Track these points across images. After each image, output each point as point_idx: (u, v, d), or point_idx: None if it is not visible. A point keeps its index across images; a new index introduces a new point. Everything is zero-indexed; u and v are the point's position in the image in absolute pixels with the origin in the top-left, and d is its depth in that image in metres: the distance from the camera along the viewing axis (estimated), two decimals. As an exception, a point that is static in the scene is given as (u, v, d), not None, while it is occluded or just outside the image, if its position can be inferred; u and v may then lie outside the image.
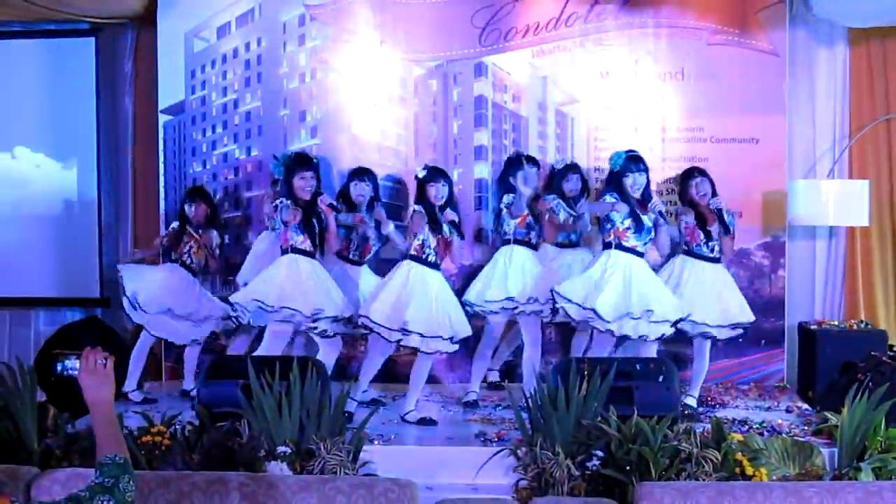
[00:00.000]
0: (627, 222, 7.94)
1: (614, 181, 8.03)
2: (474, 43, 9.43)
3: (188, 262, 8.88)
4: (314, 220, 8.14)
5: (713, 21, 9.31)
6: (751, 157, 9.26)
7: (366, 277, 8.62)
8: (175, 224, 8.96)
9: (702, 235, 8.28)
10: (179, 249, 8.89)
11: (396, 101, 9.58)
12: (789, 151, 9.40)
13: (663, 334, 7.95)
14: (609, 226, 7.94)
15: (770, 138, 9.30)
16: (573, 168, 8.91)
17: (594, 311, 7.77)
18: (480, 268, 8.84)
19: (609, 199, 7.97)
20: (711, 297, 8.30)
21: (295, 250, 8.09)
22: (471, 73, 9.52)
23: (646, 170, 8.06)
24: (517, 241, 8.59)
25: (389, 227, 8.14)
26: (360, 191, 8.53)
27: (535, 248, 8.65)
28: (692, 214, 8.32)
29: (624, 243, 7.93)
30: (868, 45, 9.46)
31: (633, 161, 8.00)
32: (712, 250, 8.33)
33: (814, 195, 8.92)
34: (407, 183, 9.17)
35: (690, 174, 8.47)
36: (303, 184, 8.16)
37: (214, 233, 9.01)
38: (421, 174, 8.09)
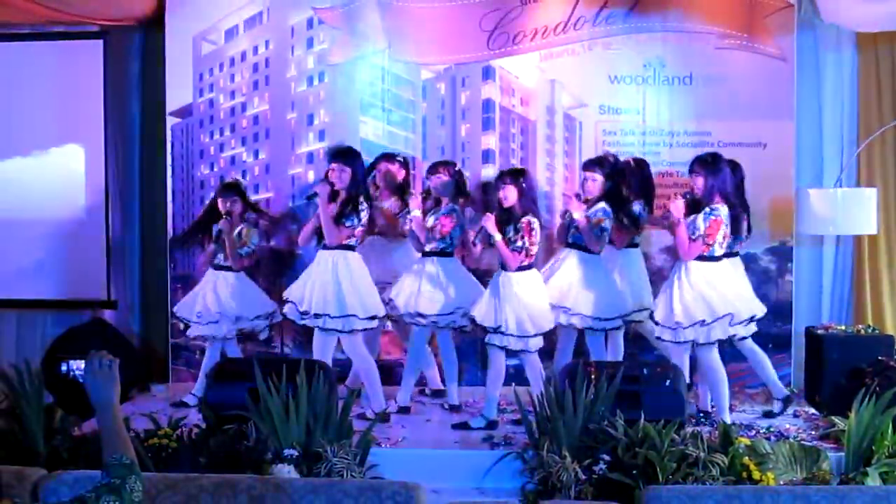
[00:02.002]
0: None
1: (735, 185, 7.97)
2: (482, 46, 9.43)
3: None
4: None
5: (721, 25, 9.30)
6: (758, 162, 9.23)
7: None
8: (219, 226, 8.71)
9: None
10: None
11: (404, 105, 9.58)
12: (797, 156, 9.40)
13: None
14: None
15: (778, 143, 9.29)
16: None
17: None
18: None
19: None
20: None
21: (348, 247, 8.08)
22: (479, 76, 9.52)
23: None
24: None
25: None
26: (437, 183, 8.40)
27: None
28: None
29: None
30: (876, 50, 9.45)
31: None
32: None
33: (822, 204, 8.88)
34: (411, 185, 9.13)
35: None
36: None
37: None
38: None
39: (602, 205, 8.06)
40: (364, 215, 8.03)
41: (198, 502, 4.37)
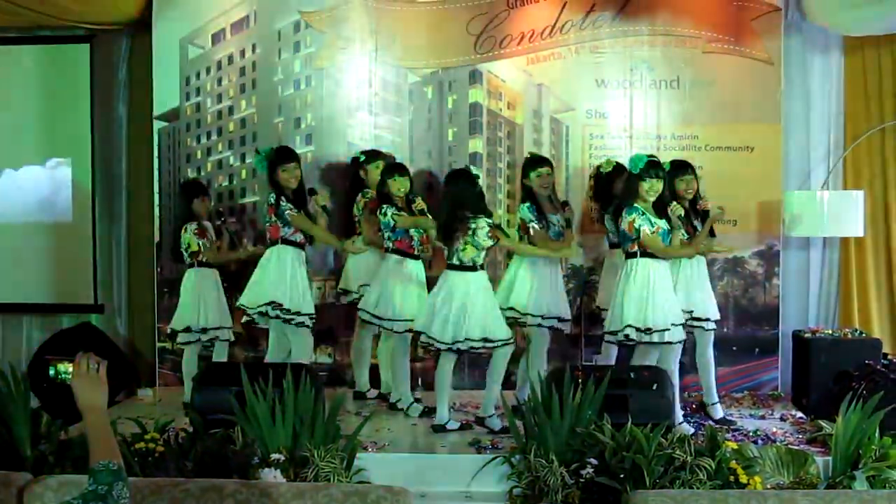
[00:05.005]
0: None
1: (631, 184, 7.72)
2: (469, 50, 9.42)
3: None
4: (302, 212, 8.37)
5: (709, 29, 9.31)
6: (746, 166, 9.27)
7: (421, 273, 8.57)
8: (193, 225, 8.67)
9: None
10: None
11: (391, 109, 9.57)
12: (784, 159, 9.41)
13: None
14: (631, 239, 7.60)
15: (765, 146, 9.30)
16: (623, 169, 8.46)
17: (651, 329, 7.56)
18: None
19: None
20: (705, 292, 8.23)
21: (285, 241, 8.28)
22: (466, 80, 9.52)
23: (664, 177, 7.70)
24: None
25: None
26: (397, 186, 8.38)
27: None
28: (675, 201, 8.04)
29: (648, 251, 7.59)
30: (863, 53, 9.48)
31: (653, 167, 7.70)
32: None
33: (808, 207, 8.90)
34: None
35: (682, 169, 8.18)
36: (286, 175, 8.31)
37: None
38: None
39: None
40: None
41: (183, 507, 4.36)
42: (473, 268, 7.82)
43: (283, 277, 8.23)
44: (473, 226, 7.71)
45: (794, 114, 9.52)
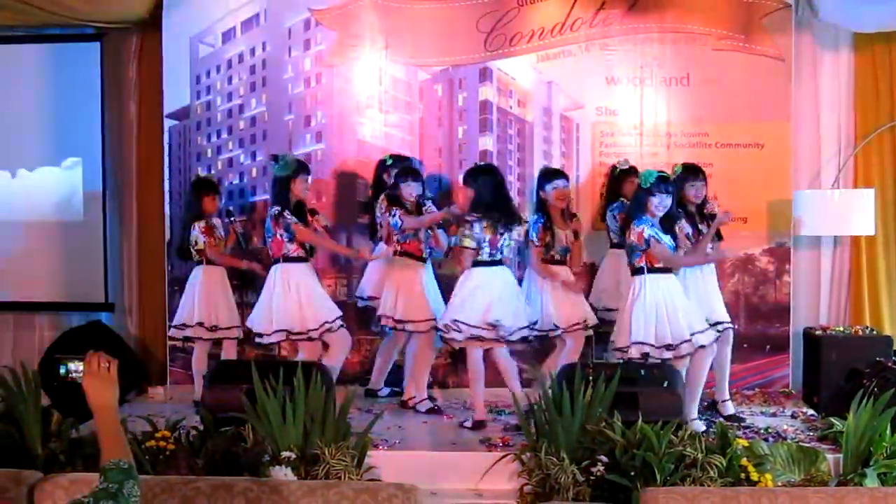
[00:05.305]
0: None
1: (641, 199, 7.71)
2: (479, 48, 9.42)
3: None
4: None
5: (718, 26, 9.30)
6: (756, 163, 9.25)
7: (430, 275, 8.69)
8: (201, 223, 8.73)
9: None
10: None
11: (401, 106, 9.57)
12: (795, 157, 9.39)
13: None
14: (640, 251, 7.56)
15: (775, 144, 9.28)
16: (635, 171, 8.52)
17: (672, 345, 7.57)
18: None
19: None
20: (714, 296, 8.21)
21: (287, 259, 8.22)
22: (476, 77, 9.52)
23: (673, 192, 7.66)
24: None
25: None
26: (410, 190, 8.44)
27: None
28: (683, 219, 7.98)
29: (656, 265, 7.59)
30: (873, 50, 9.44)
31: (663, 182, 7.66)
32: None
33: (819, 206, 8.87)
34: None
35: (694, 174, 8.14)
36: (303, 187, 8.32)
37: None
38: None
39: None
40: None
41: (194, 505, 4.36)
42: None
43: (291, 301, 8.20)
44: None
45: (804, 110, 9.49)
